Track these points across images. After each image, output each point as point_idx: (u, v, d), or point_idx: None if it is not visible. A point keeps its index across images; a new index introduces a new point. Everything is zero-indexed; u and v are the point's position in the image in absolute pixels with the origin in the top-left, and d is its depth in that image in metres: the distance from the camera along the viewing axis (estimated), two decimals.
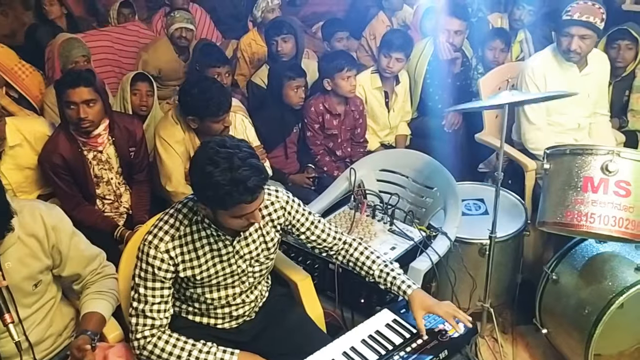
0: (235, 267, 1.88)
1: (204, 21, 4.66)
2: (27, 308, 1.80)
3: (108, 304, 1.92)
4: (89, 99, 2.51)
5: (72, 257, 1.87)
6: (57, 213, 1.86)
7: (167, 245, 1.77)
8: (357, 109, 3.30)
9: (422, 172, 2.73)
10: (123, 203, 2.81)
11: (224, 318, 1.98)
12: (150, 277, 1.77)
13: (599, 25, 2.72)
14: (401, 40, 3.33)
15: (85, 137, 2.61)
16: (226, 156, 1.60)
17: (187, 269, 1.80)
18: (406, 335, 1.90)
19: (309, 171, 3.22)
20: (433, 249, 2.35)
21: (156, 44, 3.96)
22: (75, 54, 3.24)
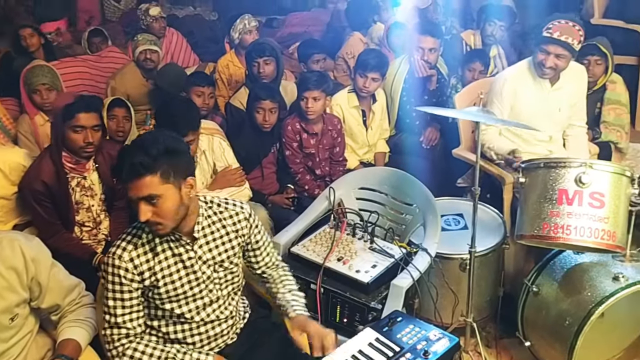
0: (200, 274, 1.88)
1: (181, 45, 4.67)
2: (4, 343, 1.77)
3: (85, 332, 1.90)
4: (96, 124, 2.59)
5: (51, 288, 1.85)
6: (37, 244, 1.84)
7: (131, 254, 1.79)
8: (335, 127, 3.32)
9: (400, 189, 2.74)
10: (102, 230, 2.78)
11: (201, 340, 1.96)
12: (118, 288, 1.78)
13: (575, 46, 2.78)
14: (376, 60, 3.37)
15: (74, 164, 2.62)
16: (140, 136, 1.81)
17: (151, 276, 1.81)
18: (389, 353, 1.90)
19: (289, 191, 3.22)
20: (414, 266, 2.35)
21: (123, 70, 3.94)
22: (36, 81, 3.22)
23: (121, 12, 6.19)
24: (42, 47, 4.03)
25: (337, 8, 5.55)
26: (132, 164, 1.66)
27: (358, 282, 2.31)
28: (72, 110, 2.57)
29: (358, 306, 2.29)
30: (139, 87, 3.84)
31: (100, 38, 4.63)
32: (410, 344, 1.93)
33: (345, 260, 2.41)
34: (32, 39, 3.98)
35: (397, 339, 1.95)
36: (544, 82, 2.93)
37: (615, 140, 3.43)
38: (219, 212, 1.94)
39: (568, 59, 2.83)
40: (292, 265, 2.43)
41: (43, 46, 4.05)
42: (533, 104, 2.94)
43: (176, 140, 1.78)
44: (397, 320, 2.04)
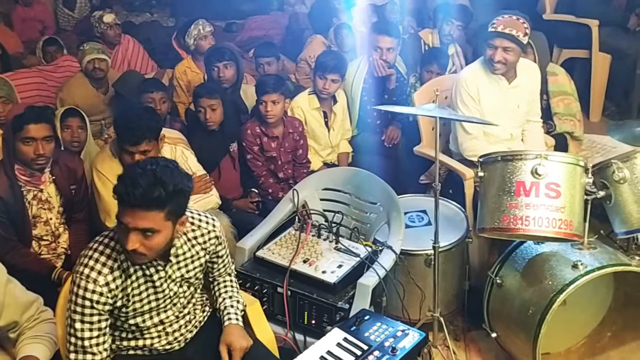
0: (168, 291, 1.86)
1: (137, 52, 4.59)
2: None
3: (45, 348, 1.86)
4: (48, 135, 2.50)
5: (7, 304, 1.80)
6: None
7: (107, 277, 1.72)
8: (296, 130, 3.32)
9: (363, 188, 2.75)
10: (61, 243, 2.72)
11: (159, 336, 1.94)
12: (87, 312, 1.72)
13: (521, 39, 2.83)
14: (335, 62, 3.39)
15: (28, 177, 2.55)
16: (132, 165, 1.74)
17: (122, 298, 1.77)
18: (357, 352, 1.91)
19: (252, 195, 3.20)
20: (380, 264, 2.36)
21: (70, 81, 3.83)
22: None
23: (75, 21, 6.06)
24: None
25: (295, 11, 5.55)
26: (145, 195, 1.59)
27: (324, 283, 2.31)
28: (22, 121, 2.49)
29: (325, 307, 2.28)
30: (89, 97, 3.73)
31: (55, 47, 4.51)
32: (378, 341, 1.94)
33: (311, 261, 2.40)
34: None
35: (365, 338, 1.96)
36: (501, 80, 2.98)
37: (570, 129, 3.51)
38: (192, 231, 1.91)
39: (517, 52, 2.88)
40: (257, 269, 2.45)
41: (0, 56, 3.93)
42: (493, 102, 2.99)
43: (187, 177, 1.73)
44: (364, 319, 2.06)
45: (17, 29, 5.53)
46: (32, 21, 5.77)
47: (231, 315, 2.01)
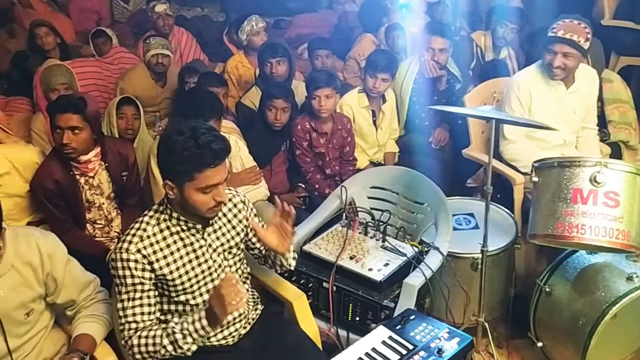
0: (211, 262, 1.90)
1: (190, 44, 4.68)
2: (18, 338, 1.78)
3: (100, 327, 1.91)
4: (75, 126, 2.50)
5: (67, 284, 1.87)
6: (53, 240, 1.86)
7: (137, 245, 1.79)
8: (345, 127, 3.33)
9: (412, 188, 2.74)
10: (114, 227, 2.79)
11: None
12: (129, 281, 1.78)
13: (583, 44, 2.76)
14: (386, 61, 3.37)
15: (76, 162, 2.60)
16: (190, 127, 1.74)
17: (164, 267, 1.81)
18: (402, 351, 1.91)
19: (299, 190, 3.23)
20: (426, 264, 2.35)
21: (132, 71, 3.93)
22: (55, 81, 3.21)
23: (130, 13, 6.21)
24: (58, 46, 4.02)
25: (345, 9, 5.55)
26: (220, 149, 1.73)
27: (370, 280, 2.31)
28: (52, 110, 2.56)
29: (370, 304, 2.29)
30: (148, 89, 3.83)
31: (103, 39, 4.59)
32: (424, 342, 1.94)
33: (357, 258, 2.41)
34: (47, 37, 3.97)
35: (411, 337, 1.96)
36: (559, 85, 2.92)
37: (625, 138, 3.43)
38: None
39: (577, 58, 2.81)
40: (304, 263, 2.46)
41: (59, 45, 4.04)
42: (548, 107, 2.94)
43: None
44: (410, 319, 2.05)
45: (74, 18, 5.70)
46: (89, 12, 5.94)
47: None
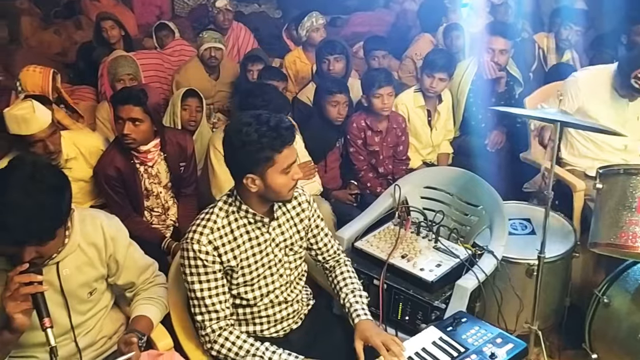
0: (272, 257, 1.93)
1: (248, 39, 4.75)
2: (81, 315, 1.84)
3: (157, 310, 1.97)
4: (135, 117, 2.58)
5: (127, 266, 1.92)
6: (116, 224, 1.92)
7: (208, 237, 1.82)
8: (400, 126, 3.31)
9: (467, 190, 2.71)
10: (170, 216, 2.87)
11: (269, 322, 2.00)
12: (202, 271, 1.82)
13: None
14: (444, 60, 3.34)
15: (136, 152, 2.69)
16: (254, 115, 1.79)
17: (231, 259, 1.86)
18: (454, 353, 1.88)
19: (352, 187, 3.23)
20: (479, 268, 2.31)
21: (187, 65, 4.02)
22: (122, 71, 3.33)
23: (190, 8, 6.37)
24: (122, 38, 4.17)
25: (404, 8, 5.51)
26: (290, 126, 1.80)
27: (422, 280, 2.29)
28: (114, 101, 2.64)
29: (421, 304, 2.27)
30: (202, 82, 3.90)
31: (166, 32, 4.72)
32: (476, 345, 1.90)
33: (409, 257, 2.40)
34: (112, 30, 4.10)
35: (462, 340, 1.93)
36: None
37: None
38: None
39: None
40: (355, 260, 2.45)
41: (123, 38, 4.18)
42: (609, 110, 2.84)
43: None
44: (462, 321, 2.02)
45: (136, 12, 5.89)
46: (151, 6, 6.14)
47: (359, 312, 1.99)
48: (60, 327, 1.77)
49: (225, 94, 4.05)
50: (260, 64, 3.80)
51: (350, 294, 2.06)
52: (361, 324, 1.96)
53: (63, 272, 1.74)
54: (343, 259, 2.18)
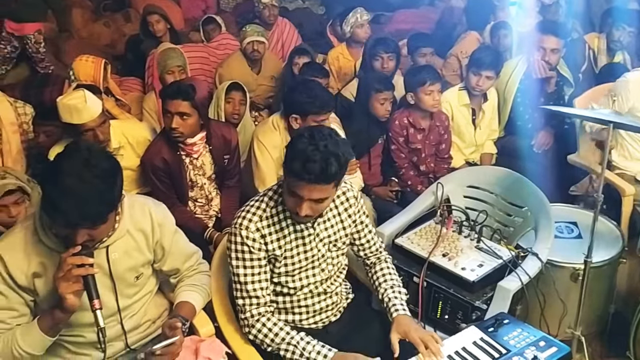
0: (316, 251, 1.94)
1: (292, 34, 4.78)
2: (128, 298, 1.87)
3: (200, 297, 1.99)
4: (183, 112, 2.62)
5: (173, 252, 1.95)
6: (164, 210, 1.94)
7: (257, 224, 1.85)
8: (443, 124, 3.28)
9: (512, 191, 2.66)
10: (213, 206, 2.92)
11: (307, 312, 2.02)
12: (247, 257, 1.85)
13: None
14: (491, 58, 3.29)
15: (183, 144, 2.73)
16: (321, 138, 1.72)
17: (276, 249, 1.88)
18: (495, 354, 1.86)
19: (392, 184, 3.22)
20: (523, 269, 2.27)
21: (230, 59, 4.06)
22: (171, 63, 3.38)
23: (235, 3, 6.44)
24: (168, 31, 4.25)
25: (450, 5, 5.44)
26: (324, 172, 1.69)
27: (463, 279, 2.27)
28: (164, 94, 2.68)
29: (462, 304, 2.25)
30: (244, 75, 3.93)
31: (213, 25, 4.80)
32: (518, 347, 1.87)
33: (450, 256, 2.37)
34: (158, 24, 4.18)
35: (504, 341, 1.90)
36: None
37: None
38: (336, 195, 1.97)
39: None
40: (395, 256, 2.43)
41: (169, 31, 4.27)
42: None
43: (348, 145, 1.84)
44: (503, 322, 1.99)
45: (183, 6, 5.98)
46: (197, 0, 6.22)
47: (397, 307, 1.99)
48: (107, 309, 1.81)
49: (266, 88, 4.09)
50: (306, 57, 3.82)
51: (390, 289, 2.06)
52: (399, 318, 1.95)
53: (112, 255, 1.78)
54: (384, 255, 2.18)
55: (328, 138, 1.73)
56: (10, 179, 2.36)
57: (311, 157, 1.68)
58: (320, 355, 1.83)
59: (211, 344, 1.92)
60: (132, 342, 1.92)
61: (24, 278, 1.69)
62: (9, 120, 3.07)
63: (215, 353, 1.90)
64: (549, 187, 3.23)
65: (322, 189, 1.73)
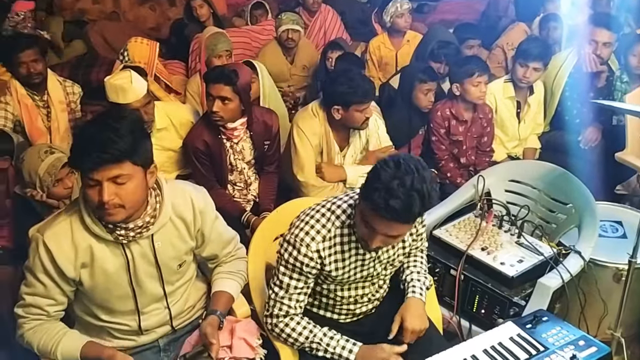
0: (372, 270, 1.90)
1: (335, 22, 4.74)
2: (171, 285, 1.87)
3: (237, 285, 2.00)
4: (225, 96, 2.63)
5: (212, 239, 1.93)
6: (205, 197, 1.91)
7: (319, 245, 1.77)
8: (486, 116, 3.22)
9: (556, 187, 2.60)
10: (251, 191, 2.94)
11: (347, 314, 2.01)
12: (297, 271, 1.80)
13: None
14: (539, 49, 3.22)
15: (224, 128, 2.75)
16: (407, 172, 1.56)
17: (332, 270, 1.82)
18: (532, 351, 1.82)
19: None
20: (564, 267, 2.23)
21: (265, 48, 4.04)
22: (221, 47, 3.40)
23: None
24: (211, 16, 4.28)
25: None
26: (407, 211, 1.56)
27: (502, 274, 2.24)
28: (206, 78, 2.69)
29: (499, 299, 2.22)
30: (278, 64, 3.92)
31: (261, 11, 4.80)
32: (557, 345, 1.83)
33: (489, 250, 2.34)
34: (202, 9, 4.20)
35: (542, 339, 1.86)
36: None
37: None
38: None
39: None
40: (432, 248, 2.43)
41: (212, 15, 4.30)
42: None
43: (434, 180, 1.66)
44: (542, 320, 1.95)
45: None
46: None
47: (415, 289, 1.97)
48: (154, 296, 1.83)
49: (300, 78, 4.07)
50: (338, 51, 3.78)
51: (416, 273, 2.03)
52: (410, 300, 1.95)
53: (156, 244, 1.77)
54: (423, 250, 2.14)
55: (414, 172, 1.56)
56: (59, 152, 2.43)
57: (394, 193, 1.53)
58: (345, 350, 1.82)
59: (247, 325, 1.95)
60: (176, 325, 1.94)
61: (72, 269, 1.69)
62: (58, 99, 3.17)
63: (250, 334, 1.92)
64: (595, 185, 3.13)
65: (401, 227, 1.63)
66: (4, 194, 2.70)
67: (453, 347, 1.85)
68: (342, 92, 2.64)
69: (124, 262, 1.74)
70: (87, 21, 5.14)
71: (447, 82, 3.33)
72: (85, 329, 1.85)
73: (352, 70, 2.79)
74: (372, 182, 1.60)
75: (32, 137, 3.10)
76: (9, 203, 2.69)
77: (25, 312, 1.75)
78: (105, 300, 1.78)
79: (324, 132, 2.77)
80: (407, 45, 4.08)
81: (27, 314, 1.75)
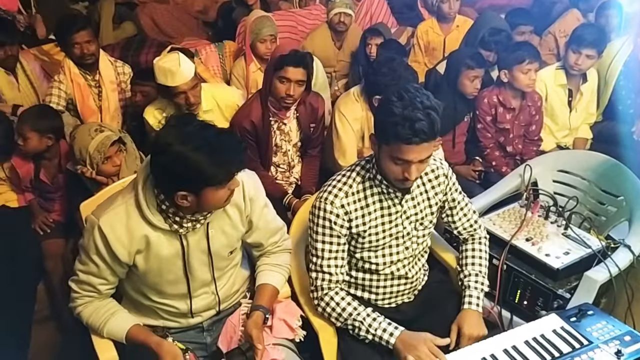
0: (401, 228, 1.91)
1: (382, 6, 4.68)
2: (220, 271, 1.89)
3: (282, 277, 2.00)
4: (301, 79, 2.65)
5: (260, 227, 1.92)
6: (255, 183, 1.89)
7: (342, 200, 1.83)
8: (535, 104, 3.13)
9: (608, 179, 2.51)
10: (294, 173, 2.96)
11: (384, 294, 2.01)
12: (327, 232, 1.85)
13: None
14: (594, 36, 3.11)
15: (277, 109, 2.76)
16: (413, 97, 1.66)
17: (360, 225, 1.86)
18: (575, 344, 1.78)
19: (476, 164, 3.13)
20: (613, 261, 2.16)
21: (315, 32, 4.01)
22: (265, 32, 3.40)
23: None
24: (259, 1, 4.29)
25: None
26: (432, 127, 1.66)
27: (547, 266, 2.19)
28: (283, 62, 2.66)
29: (543, 291, 2.17)
30: (327, 49, 3.89)
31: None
32: (601, 340, 1.79)
33: (534, 241, 2.29)
34: None
35: (586, 332, 1.82)
36: None
37: None
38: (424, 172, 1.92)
39: None
40: None
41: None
42: None
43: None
44: (587, 313, 1.90)
45: None
46: None
47: (472, 299, 1.96)
48: (202, 282, 1.86)
49: (345, 65, 4.05)
50: (379, 38, 3.72)
51: (474, 276, 2.02)
52: (466, 312, 1.94)
53: (210, 232, 1.78)
54: (479, 234, 2.13)
55: (418, 94, 1.68)
56: (108, 131, 2.50)
57: (415, 117, 1.62)
58: (387, 333, 1.82)
59: (287, 306, 1.97)
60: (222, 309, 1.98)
61: (126, 254, 1.71)
62: (109, 79, 3.25)
63: (290, 315, 1.94)
64: None
65: (429, 146, 1.70)
66: (56, 169, 2.81)
67: (493, 336, 1.83)
68: (384, 83, 2.62)
69: (179, 250, 1.76)
70: (137, 3, 5.23)
71: (495, 70, 3.26)
72: (134, 305, 1.90)
73: (395, 59, 2.74)
74: (388, 122, 1.67)
75: (84, 115, 3.20)
76: (61, 178, 2.79)
77: (78, 288, 1.82)
78: (156, 283, 1.82)
79: (366, 118, 2.76)
80: (457, 30, 4.00)
81: (80, 290, 1.82)
